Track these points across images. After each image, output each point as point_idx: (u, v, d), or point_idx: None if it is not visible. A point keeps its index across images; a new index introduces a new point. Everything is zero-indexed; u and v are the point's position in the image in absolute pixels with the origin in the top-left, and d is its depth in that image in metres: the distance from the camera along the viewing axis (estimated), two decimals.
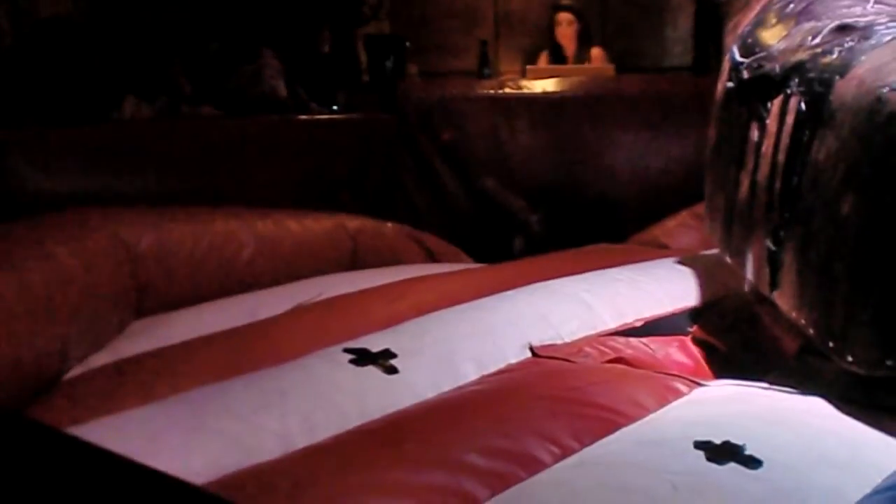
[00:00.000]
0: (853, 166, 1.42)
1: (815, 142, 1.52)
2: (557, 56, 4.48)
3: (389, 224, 2.78)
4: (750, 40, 1.87)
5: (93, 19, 3.93)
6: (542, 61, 4.55)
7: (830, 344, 1.46)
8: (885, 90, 1.38)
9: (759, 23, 1.88)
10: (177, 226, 2.40)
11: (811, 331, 1.51)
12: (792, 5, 1.79)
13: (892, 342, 1.36)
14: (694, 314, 2.02)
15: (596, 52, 4.51)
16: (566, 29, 4.50)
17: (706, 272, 2.20)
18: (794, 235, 1.58)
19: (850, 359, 1.42)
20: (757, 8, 1.94)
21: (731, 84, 1.91)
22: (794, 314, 1.58)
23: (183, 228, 2.41)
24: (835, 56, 1.55)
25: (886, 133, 1.37)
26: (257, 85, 3.51)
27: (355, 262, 2.62)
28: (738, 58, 1.88)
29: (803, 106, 1.57)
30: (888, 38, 1.50)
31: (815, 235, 1.51)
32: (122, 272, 2.24)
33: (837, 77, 1.51)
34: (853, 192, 1.41)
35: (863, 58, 1.49)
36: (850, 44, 1.55)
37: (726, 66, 1.95)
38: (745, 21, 1.96)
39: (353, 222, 2.69)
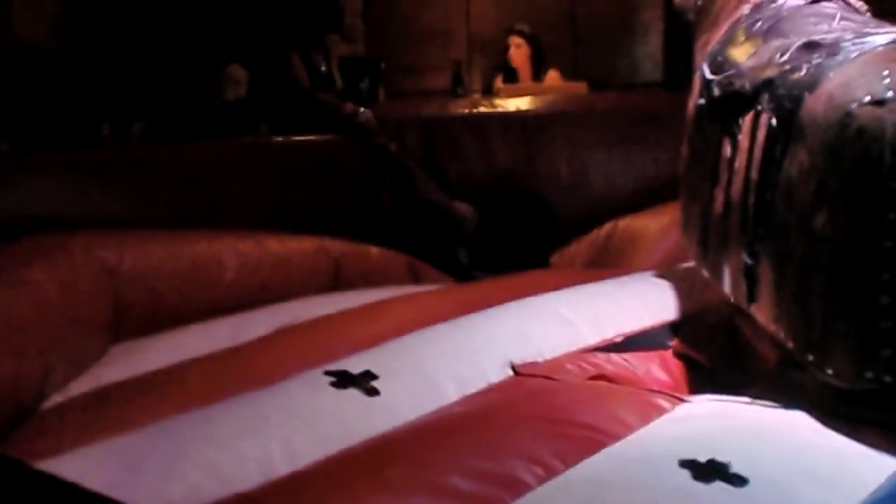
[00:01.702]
0: (825, 181, 1.44)
1: (786, 157, 1.54)
2: (511, 78, 4.57)
3: (373, 247, 2.77)
4: (720, 58, 1.89)
5: (69, 45, 3.91)
6: (498, 83, 4.62)
7: (810, 357, 1.47)
8: (854, 105, 1.41)
9: (728, 40, 1.90)
10: (158, 247, 2.39)
11: (790, 344, 1.52)
12: (760, 23, 1.82)
13: (871, 354, 1.37)
14: (674, 328, 2.02)
15: (552, 73, 4.60)
16: (515, 52, 4.61)
17: (684, 285, 2.21)
18: (769, 250, 1.59)
19: (829, 371, 1.43)
20: (725, 26, 1.97)
21: (702, 101, 1.93)
22: (772, 327, 1.58)
23: (164, 250, 2.40)
24: (803, 72, 1.58)
25: (856, 147, 1.39)
26: (212, 97, 3.55)
27: (338, 282, 2.61)
28: (709, 75, 1.90)
29: (774, 122, 1.59)
30: (855, 54, 1.53)
31: (790, 250, 1.52)
32: (103, 295, 2.22)
33: (807, 93, 1.54)
34: (826, 205, 1.43)
35: (831, 74, 1.52)
36: (818, 60, 1.57)
37: (697, 83, 1.97)
38: (714, 38, 1.98)
39: (335, 244, 2.68)
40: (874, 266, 1.36)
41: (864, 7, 1.85)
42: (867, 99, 1.40)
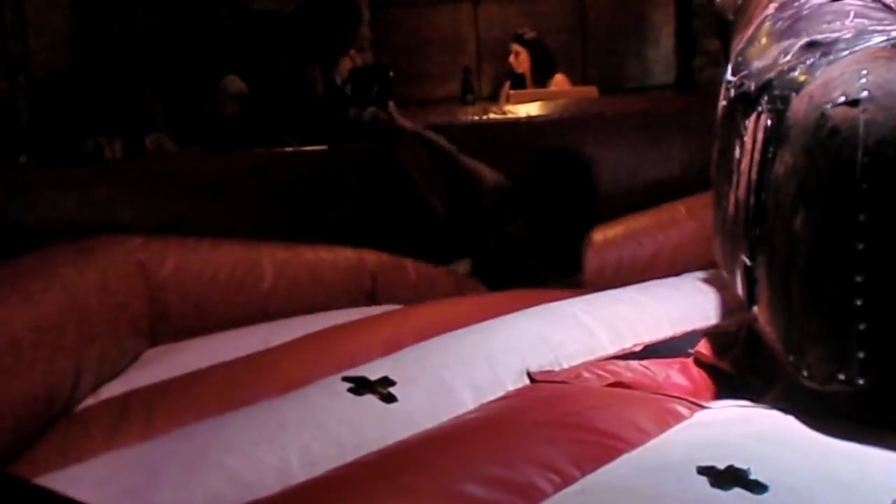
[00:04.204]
0: (803, 181, 1.44)
1: (776, 158, 1.54)
2: (518, 84, 4.60)
3: (410, 260, 2.73)
4: (740, 58, 1.89)
5: (81, 61, 3.95)
6: (506, 89, 4.65)
7: (790, 358, 1.46)
8: (829, 106, 1.40)
9: (751, 41, 1.90)
10: (198, 254, 2.39)
11: (778, 345, 1.52)
12: (780, 23, 1.81)
13: (845, 356, 1.36)
14: (695, 336, 2.00)
15: (558, 78, 4.61)
16: (514, 59, 4.65)
17: (709, 291, 2.20)
18: (763, 251, 1.59)
19: (805, 373, 1.43)
20: (753, 26, 1.96)
21: (723, 102, 1.93)
22: (768, 329, 1.58)
23: (205, 256, 2.39)
24: (797, 73, 1.58)
25: (830, 148, 1.39)
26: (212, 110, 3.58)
27: (374, 295, 2.58)
28: (729, 76, 1.90)
29: (769, 122, 1.59)
30: (845, 53, 1.52)
31: (777, 251, 1.52)
32: (139, 300, 2.23)
33: (793, 93, 1.54)
34: (803, 206, 1.44)
35: (818, 74, 1.52)
36: (811, 60, 1.57)
37: (723, 84, 1.97)
38: (744, 38, 1.98)
39: (373, 257, 2.66)
40: (848, 268, 1.36)
41: (895, 2, 1.83)
42: (841, 99, 1.39)
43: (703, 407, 1.58)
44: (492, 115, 3.46)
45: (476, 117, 3.48)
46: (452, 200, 3.03)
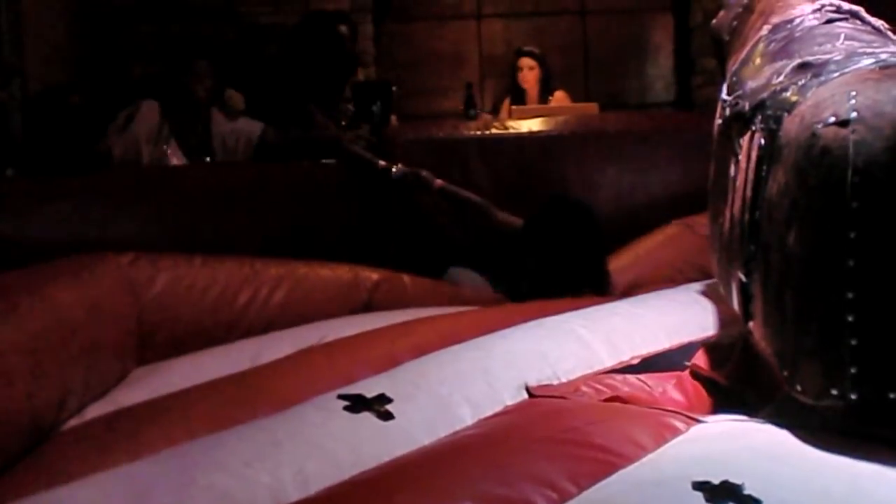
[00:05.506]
0: (795, 200, 1.47)
1: (769, 176, 1.56)
2: (519, 100, 4.62)
3: (408, 275, 2.72)
4: (735, 78, 1.92)
5: (80, 74, 3.98)
6: (506, 105, 4.67)
7: (785, 373, 1.48)
8: (820, 126, 1.43)
9: (745, 61, 1.93)
10: (189, 271, 2.37)
11: (773, 360, 1.53)
12: (773, 44, 1.84)
13: (837, 371, 1.38)
14: (692, 348, 2.02)
15: (559, 94, 4.64)
16: (527, 73, 4.67)
17: (706, 303, 2.21)
18: (758, 267, 1.61)
19: (798, 388, 1.45)
20: (748, 47, 1.99)
21: (719, 121, 1.95)
22: (763, 344, 1.60)
23: (195, 273, 2.37)
24: (789, 93, 1.61)
25: (820, 167, 1.41)
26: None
27: (371, 310, 2.56)
28: (724, 95, 1.92)
29: (762, 141, 1.62)
30: (835, 75, 1.55)
31: (771, 267, 1.55)
32: (128, 318, 2.21)
33: (786, 113, 1.57)
34: (796, 224, 1.46)
35: (809, 94, 1.55)
36: (803, 81, 1.60)
37: (719, 102, 2.00)
38: (739, 58, 2.01)
39: (370, 273, 2.65)
40: (840, 284, 1.38)
41: (885, 25, 1.86)
42: (832, 119, 1.42)
43: (699, 421, 1.59)
44: (494, 130, 3.48)
45: (479, 132, 3.51)
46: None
